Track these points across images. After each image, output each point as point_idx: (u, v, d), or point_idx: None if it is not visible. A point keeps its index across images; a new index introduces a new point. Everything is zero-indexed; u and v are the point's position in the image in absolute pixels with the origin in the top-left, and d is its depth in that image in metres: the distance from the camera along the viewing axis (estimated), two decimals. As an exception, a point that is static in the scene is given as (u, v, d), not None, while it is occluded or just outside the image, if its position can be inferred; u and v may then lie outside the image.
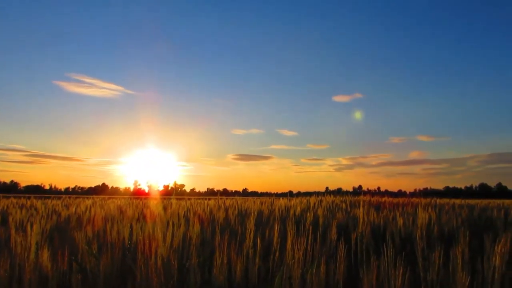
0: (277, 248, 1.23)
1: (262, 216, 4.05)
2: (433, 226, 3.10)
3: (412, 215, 4.14)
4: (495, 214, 4.95)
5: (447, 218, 3.98)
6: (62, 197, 9.71)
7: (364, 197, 9.06)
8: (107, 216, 4.03)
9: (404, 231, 2.95)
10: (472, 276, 1.40)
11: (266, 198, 8.98)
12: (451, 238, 2.86)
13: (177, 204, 5.99)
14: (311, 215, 3.87)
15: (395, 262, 1.09)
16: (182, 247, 1.56)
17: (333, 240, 1.93)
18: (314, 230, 3.22)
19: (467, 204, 7.96)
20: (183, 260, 1.38)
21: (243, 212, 4.70)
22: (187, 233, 1.75)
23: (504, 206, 8.02)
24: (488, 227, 4.11)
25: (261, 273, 1.30)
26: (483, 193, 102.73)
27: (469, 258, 1.87)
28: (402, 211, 4.70)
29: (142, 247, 1.42)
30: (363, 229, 1.92)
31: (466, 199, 13.36)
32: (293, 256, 1.31)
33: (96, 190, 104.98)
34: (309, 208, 5.07)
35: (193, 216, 4.14)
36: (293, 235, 1.33)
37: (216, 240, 1.60)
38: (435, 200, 9.64)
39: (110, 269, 1.52)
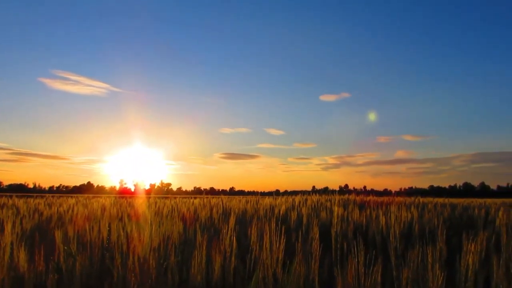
0: (256, 248, 1.23)
1: (246, 215, 4.05)
2: (414, 225, 3.14)
3: (395, 214, 4.18)
4: (476, 213, 5.04)
5: (429, 217, 4.04)
6: (45, 196, 9.57)
7: (349, 196, 9.13)
8: (89, 215, 3.99)
9: (385, 230, 2.99)
10: (449, 274, 1.42)
11: (252, 197, 8.99)
12: (431, 237, 2.90)
13: (162, 203, 5.96)
14: (295, 214, 3.89)
15: (370, 261, 1.09)
16: (162, 246, 1.55)
17: (314, 239, 1.93)
18: (297, 229, 3.23)
19: (449, 203, 8.08)
20: (161, 260, 1.37)
21: (227, 211, 4.69)
22: (167, 232, 1.74)
23: (486, 205, 8.16)
24: (468, 226, 4.18)
25: (239, 272, 1.30)
26: (466, 192, 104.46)
27: (447, 256, 1.90)
28: (386, 210, 4.75)
29: (120, 247, 1.41)
30: (337, 228, 1.93)
31: (449, 198, 13.55)
32: (271, 256, 1.31)
33: (81, 189, 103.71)
34: (294, 207, 5.09)
35: (177, 215, 4.12)
36: (273, 234, 1.33)
37: (197, 239, 1.60)
38: (419, 199, 9.76)
39: (87, 269, 1.50)
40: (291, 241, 2.52)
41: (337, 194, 9.72)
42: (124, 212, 4.49)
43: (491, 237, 2.68)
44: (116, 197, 9.48)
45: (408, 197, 10.48)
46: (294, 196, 8.37)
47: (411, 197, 10.39)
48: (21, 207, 5.15)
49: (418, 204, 7.16)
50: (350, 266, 0.97)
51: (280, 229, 3.46)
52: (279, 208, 4.76)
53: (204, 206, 5.46)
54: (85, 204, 5.98)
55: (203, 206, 5.46)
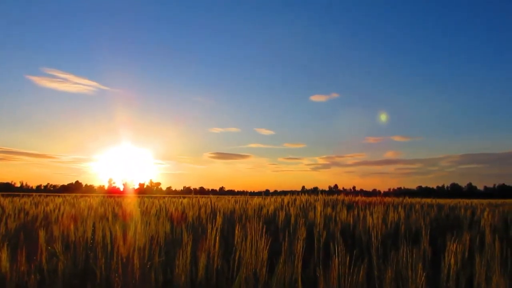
0: (239, 248, 1.22)
1: (234, 215, 4.05)
2: (401, 225, 3.17)
3: (382, 214, 4.21)
4: (462, 214, 5.10)
5: (416, 217, 4.07)
6: (32, 195, 9.45)
7: (338, 196, 9.17)
8: (76, 215, 3.95)
9: (372, 230, 3.00)
10: (433, 274, 1.43)
11: (241, 197, 8.98)
12: (416, 237, 2.92)
13: (150, 203, 5.92)
14: (283, 214, 3.89)
15: (355, 261, 1.10)
16: (147, 246, 1.53)
17: (301, 239, 1.94)
18: (285, 229, 3.24)
19: (437, 204, 8.16)
20: (145, 260, 1.36)
21: (215, 211, 4.67)
22: (152, 232, 1.73)
23: (472, 205, 8.27)
24: (454, 226, 4.23)
25: (223, 272, 1.29)
26: (454, 192, 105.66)
27: (431, 256, 1.91)
28: (373, 210, 4.78)
29: (103, 247, 1.39)
30: (320, 228, 1.94)
31: (437, 199, 13.69)
32: (256, 256, 1.31)
33: (69, 188, 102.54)
34: (282, 207, 5.10)
35: (165, 214, 4.09)
36: (258, 234, 1.32)
37: (183, 239, 1.59)
38: (407, 199, 9.86)
39: (71, 270, 1.48)
40: (279, 240, 2.54)
41: (326, 194, 9.77)
42: (111, 212, 4.46)
43: (475, 237, 2.71)
44: (105, 197, 9.41)
45: (396, 198, 10.57)
46: (283, 196, 8.38)
47: (399, 198, 10.48)
48: (6, 207, 5.08)
49: (405, 204, 7.22)
50: (332, 266, 0.97)
51: (267, 229, 3.47)
52: (267, 208, 4.76)
53: (192, 206, 5.44)
54: (72, 203, 5.92)
55: (192, 205, 5.43)
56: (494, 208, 7.62)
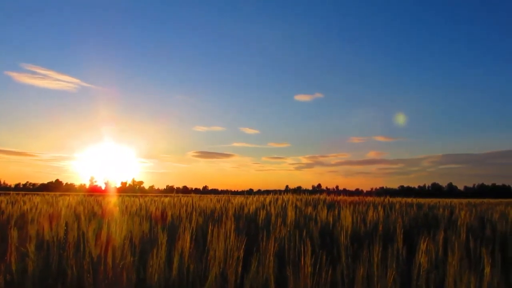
0: (211, 247, 1.22)
1: (214, 214, 4.03)
2: (379, 224, 3.21)
3: (363, 213, 4.26)
4: (440, 213, 5.19)
5: (395, 216, 4.13)
6: (10, 193, 9.23)
7: (320, 195, 9.23)
8: (53, 214, 3.87)
9: (351, 229, 3.03)
10: (406, 272, 1.45)
11: (224, 196, 8.96)
12: (392, 236, 2.96)
13: (131, 202, 5.85)
14: (263, 214, 3.90)
15: (331, 260, 1.10)
16: (122, 245, 1.51)
17: (278, 238, 1.95)
18: (265, 228, 3.24)
19: (417, 203, 8.30)
20: (118, 260, 1.34)
21: (197, 210, 4.65)
22: (128, 231, 1.71)
23: (451, 205, 8.43)
24: (432, 225, 4.29)
25: (197, 272, 1.29)
26: (435, 192, 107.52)
27: (406, 255, 1.94)
28: (354, 209, 4.82)
29: (75, 246, 1.37)
30: (290, 228, 1.94)
31: (417, 198, 13.90)
32: (232, 255, 1.30)
33: (49, 187, 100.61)
34: (264, 206, 5.11)
35: (145, 214, 4.06)
36: (233, 233, 1.32)
37: (159, 238, 1.57)
38: (388, 198, 9.99)
39: (42, 270, 1.45)
40: (258, 239, 2.52)
41: (309, 194, 9.82)
42: (89, 211, 4.39)
43: (451, 236, 2.76)
44: (85, 196, 9.26)
45: (378, 197, 10.71)
46: (266, 195, 8.39)
47: (380, 197, 10.62)
48: (-19, 205, 4.96)
49: (386, 204, 7.32)
50: (302, 266, 0.97)
51: (248, 228, 3.45)
52: (249, 208, 4.76)
53: (173, 205, 5.40)
54: (50, 202, 5.81)
55: (173, 205, 5.40)
56: (472, 207, 7.79)
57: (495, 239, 3.18)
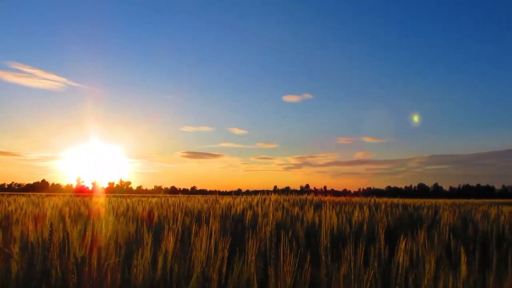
0: (194, 247, 1.23)
1: (201, 215, 4.04)
2: (364, 224, 3.25)
3: (349, 213, 4.31)
4: (424, 213, 5.27)
5: (380, 216, 4.18)
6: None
7: (308, 196, 9.29)
8: (39, 215, 3.84)
9: (336, 229, 3.07)
10: (387, 272, 1.48)
11: (211, 196, 8.96)
12: (374, 236, 3.00)
13: (119, 202, 5.82)
14: (250, 214, 3.92)
15: (314, 260, 1.13)
16: (107, 246, 1.52)
17: (263, 238, 1.97)
18: (252, 228, 3.26)
19: (402, 203, 8.39)
20: (102, 260, 1.34)
21: (184, 210, 4.65)
22: (114, 232, 1.71)
23: (436, 205, 8.55)
24: (417, 225, 4.36)
25: (182, 272, 1.30)
26: (421, 192, 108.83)
27: (388, 254, 1.98)
28: (340, 210, 4.87)
29: (60, 247, 1.37)
30: (272, 227, 1.97)
31: (404, 199, 14.05)
32: (214, 255, 1.32)
33: (35, 187, 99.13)
34: (251, 206, 5.13)
35: (132, 214, 4.04)
36: (217, 233, 1.34)
37: (145, 238, 1.58)
38: (375, 199, 10.09)
39: (26, 271, 1.45)
40: (244, 240, 2.55)
41: (296, 194, 9.87)
42: (75, 212, 4.36)
43: (433, 235, 2.81)
44: (72, 196, 9.17)
45: (364, 198, 10.81)
46: (254, 196, 8.42)
47: (367, 198, 10.72)
48: (-36, 206, 4.88)
49: (372, 204, 7.40)
50: (282, 266, 0.99)
51: (235, 228, 3.46)
52: (236, 208, 4.78)
53: (161, 205, 5.39)
54: (36, 203, 5.75)
55: (160, 205, 5.38)
56: (457, 208, 7.92)
57: (476, 239, 3.25)
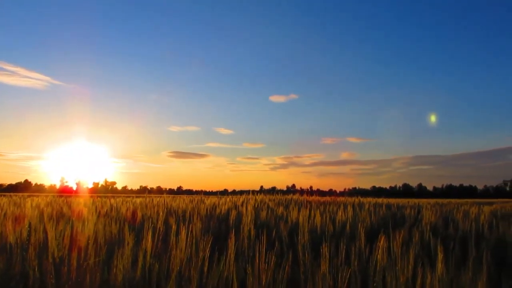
0: (175, 247, 1.23)
1: (185, 215, 4.03)
2: (347, 224, 3.29)
3: (334, 213, 4.34)
4: (407, 212, 5.34)
5: (363, 216, 4.22)
6: (-25, 194, 8.91)
7: (293, 195, 9.34)
8: (20, 216, 3.78)
9: (320, 229, 3.09)
10: (364, 272, 1.50)
11: (197, 196, 8.94)
12: (355, 236, 3.03)
13: (103, 202, 5.76)
14: (235, 214, 3.92)
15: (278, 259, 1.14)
16: (87, 246, 1.51)
17: (244, 237, 1.97)
18: (236, 228, 3.26)
19: (386, 203, 8.50)
20: (81, 260, 1.33)
21: (168, 210, 4.63)
22: (94, 232, 1.70)
23: (419, 205, 8.68)
24: (400, 224, 4.42)
25: (162, 272, 1.30)
26: (405, 193, 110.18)
27: (369, 253, 2.00)
28: (324, 209, 4.91)
29: (38, 248, 1.36)
30: (248, 227, 1.98)
31: (388, 199, 14.22)
32: (197, 255, 1.32)
33: (18, 187, 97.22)
34: (236, 206, 5.13)
35: (116, 214, 4.01)
36: (198, 233, 1.34)
37: (126, 238, 1.57)
38: (359, 199, 10.20)
39: (4, 272, 1.43)
40: (227, 239, 2.55)
41: (282, 194, 9.90)
42: (58, 212, 4.31)
43: (414, 234, 2.86)
44: (55, 196, 9.03)
45: (349, 197, 10.92)
46: (240, 196, 8.42)
47: (352, 197, 10.83)
48: None
49: (357, 204, 7.48)
50: (257, 265, 1.00)
51: (219, 228, 3.45)
52: (221, 208, 4.78)
53: (145, 205, 5.35)
54: (18, 203, 5.65)
55: (145, 205, 5.35)
56: (439, 207, 8.05)
57: (455, 237, 3.31)
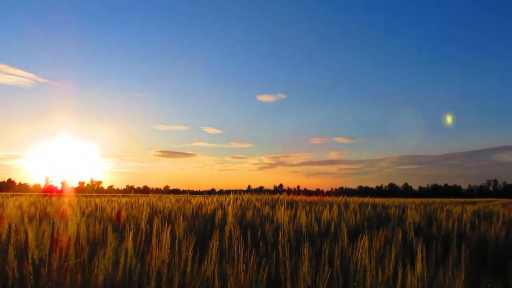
0: (158, 247, 1.23)
1: (171, 214, 4.02)
2: (332, 223, 3.31)
3: (319, 213, 4.37)
4: (392, 212, 5.40)
5: (348, 216, 4.26)
6: (-45, 194, 8.74)
7: (280, 195, 9.36)
8: (1, 216, 3.72)
9: (305, 229, 3.11)
10: (346, 271, 1.51)
11: (184, 196, 8.90)
12: (338, 235, 3.06)
13: (88, 202, 5.70)
14: (221, 213, 3.91)
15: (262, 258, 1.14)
16: (67, 247, 1.49)
17: (227, 238, 1.97)
18: (222, 228, 3.26)
19: (372, 203, 8.58)
20: (62, 261, 1.32)
21: (154, 210, 4.61)
22: (76, 232, 1.68)
23: (404, 204, 8.79)
24: (384, 224, 4.47)
25: (144, 272, 1.29)
26: (392, 192, 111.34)
27: (351, 253, 2.02)
28: (310, 209, 4.93)
29: (18, 248, 1.34)
30: (231, 228, 1.99)
31: (374, 198, 14.35)
32: (180, 255, 1.32)
33: (1, 186, 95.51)
34: (222, 206, 5.12)
35: (100, 214, 3.97)
36: (180, 233, 1.34)
37: (109, 238, 1.56)
38: (345, 198, 10.28)
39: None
40: (212, 239, 2.55)
41: (269, 194, 9.92)
42: (42, 212, 4.25)
43: (397, 233, 2.89)
44: (39, 196, 8.89)
45: (336, 197, 11.00)
46: (227, 195, 8.41)
47: (338, 197, 10.91)
48: None
49: (343, 203, 7.53)
50: (237, 264, 1.01)
51: (204, 228, 3.44)
52: (207, 208, 4.77)
53: (131, 205, 5.31)
54: (0, 203, 5.56)
55: (130, 205, 5.30)
56: (424, 207, 8.16)
57: (438, 236, 3.36)
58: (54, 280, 1.29)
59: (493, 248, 3.00)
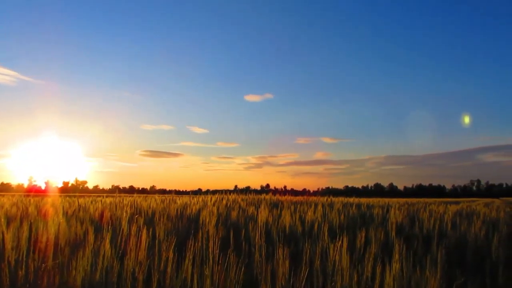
0: (138, 248, 1.23)
1: (155, 215, 4.00)
2: (315, 223, 3.33)
3: (304, 213, 4.39)
4: (376, 212, 5.46)
5: (333, 215, 4.29)
6: None
7: (266, 195, 9.38)
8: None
9: (289, 229, 3.13)
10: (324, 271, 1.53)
11: (169, 196, 8.85)
12: (320, 235, 3.08)
13: (71, 202, 5.63)
14: (205, 214, 3.91)
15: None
16: (44, 248, 1.48)
17: (209, 238, 1.97)
18: (202, 228, 3.26)
19: (357, 203, 8.65)
20: (39, 262, 1.31)
21: (139, 210, 4.58)
22: (57, 232, 1.66)
23: (388, 204, 8.88)
24: (368, 223, 4.52)
25: (122, 273, 1.29)
26: (377, 192, 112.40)
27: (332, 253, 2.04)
28: (295, 209, 4.96)
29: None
30: (209, 228, 1.99)
31: (359, 198, 14.46)
32: (159, 256, 1.32)
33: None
34: (207, 206, 5.12)
35: (83, 215, 3.93)
36: (161, 234, 1.34)
37: (89, 239, 1.55)
38: (331, 198, 10.35)
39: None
40: (196, 240, 2.54)
41: (255, 194, 9.93)
42: (23, 212, 4.19)
43: (379, 233, 2.93)
44: (22, 196, 8.74)
45: (321, 197, 11.05)
46: (213, 195, 8.40)
47: (324, 197, 10.97)
48: None
49: (328, 203, 7.58)
50: (212, 265, 1.01)
51: (188, 228, 3.43)
52: (192, 208, 4.76)
53: (115, 205, 5.26)
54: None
55: (114, 205, 5.26)
56: (408, 206, 8.26)
57: (419, 236, 3.41)
58: (32, 281, 1.27)
59: (472, 247, 3.06)
